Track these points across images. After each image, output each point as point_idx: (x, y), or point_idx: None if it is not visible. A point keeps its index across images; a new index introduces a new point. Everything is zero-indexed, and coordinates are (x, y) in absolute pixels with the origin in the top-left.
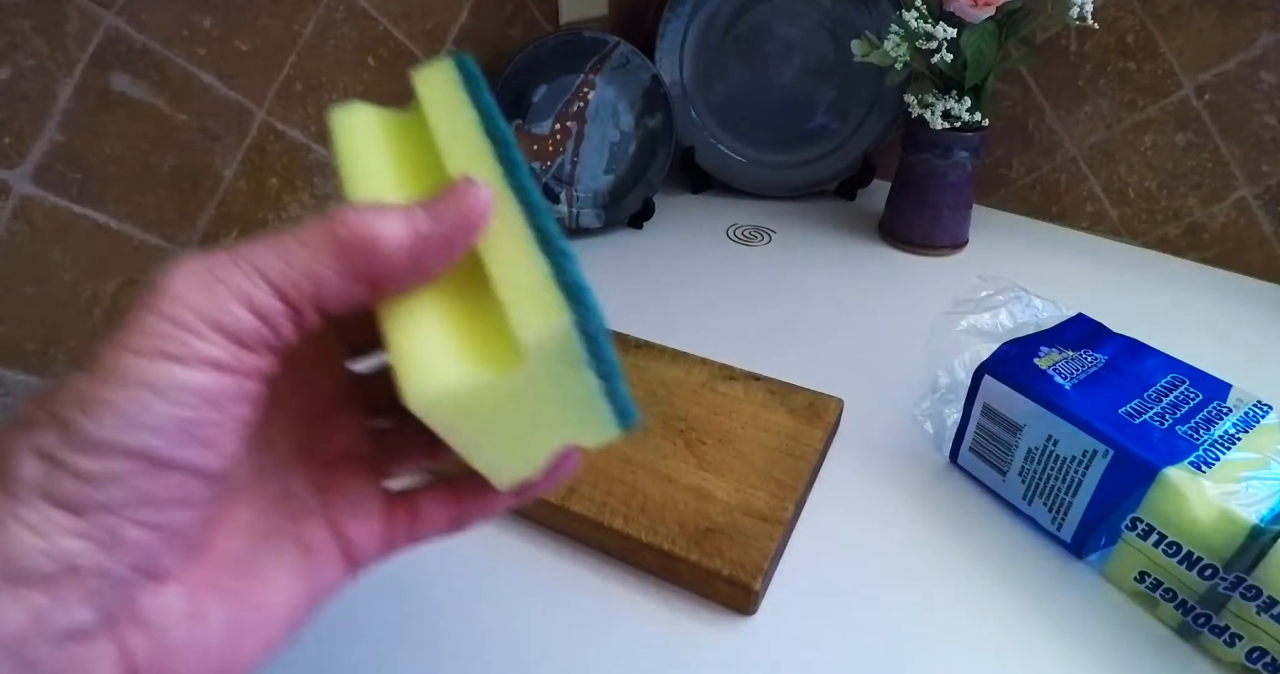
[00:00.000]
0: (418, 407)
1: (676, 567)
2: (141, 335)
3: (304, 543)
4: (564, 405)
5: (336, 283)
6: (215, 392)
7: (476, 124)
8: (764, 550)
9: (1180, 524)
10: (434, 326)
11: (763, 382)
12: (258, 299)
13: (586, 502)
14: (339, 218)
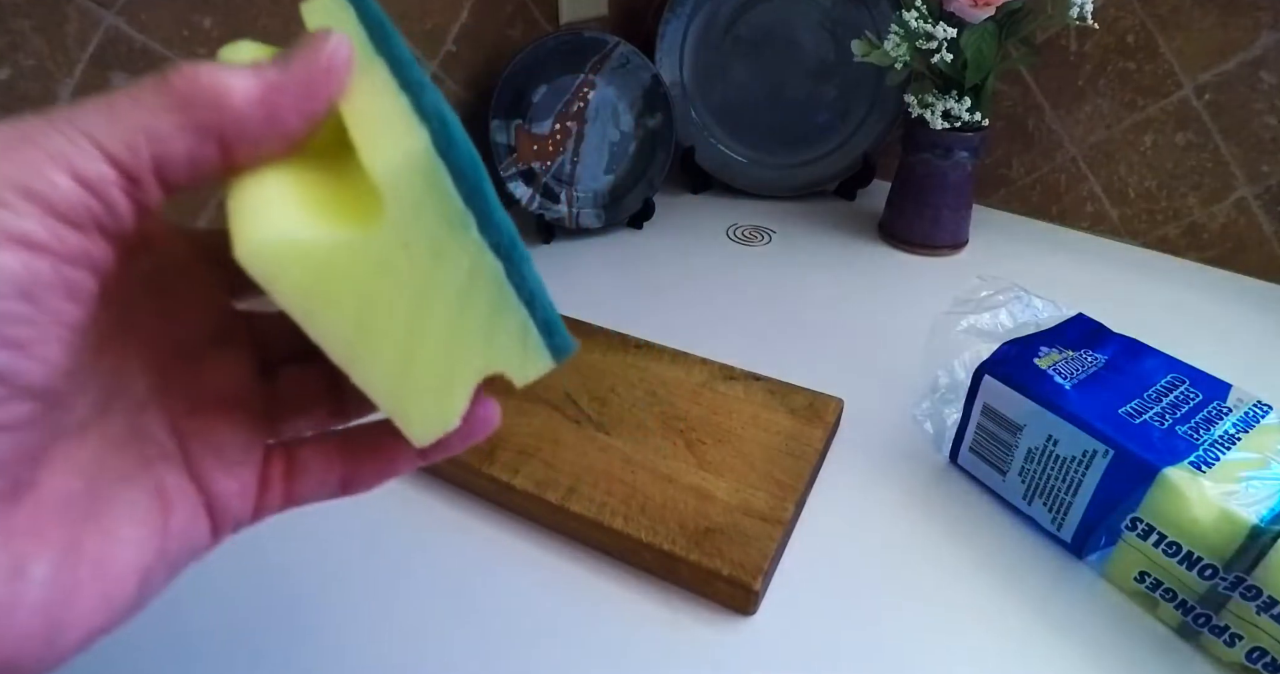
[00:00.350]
0: (248, 259)
1: (676, 567)
2: None
3: (159, 492)
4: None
5: (178, 140)
6: (27, 278)
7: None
8: (764, 550)
9: (1180, 524)
10: (285, 188)
11: (763, 382)
12: (81, 163)
13: (586, 501)
14: (175, 70)
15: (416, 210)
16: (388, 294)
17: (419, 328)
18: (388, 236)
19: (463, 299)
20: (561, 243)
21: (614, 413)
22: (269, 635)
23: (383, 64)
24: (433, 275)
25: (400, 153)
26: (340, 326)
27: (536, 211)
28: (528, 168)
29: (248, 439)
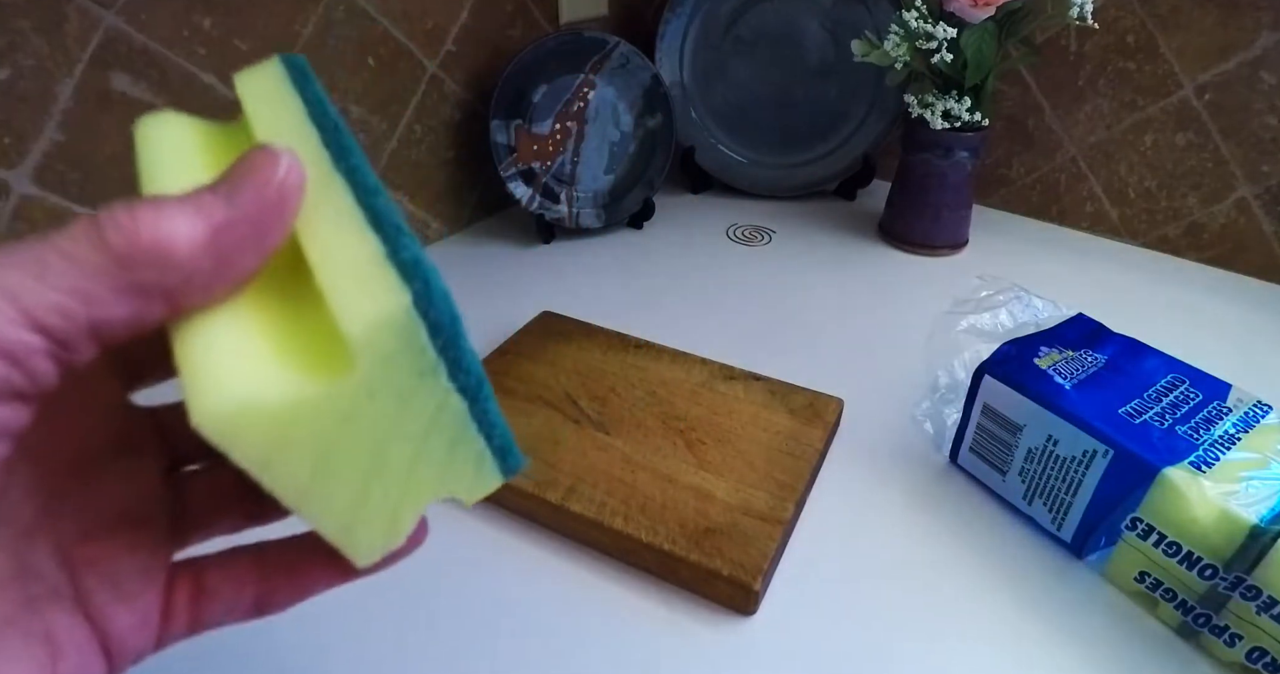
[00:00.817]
0: (207, 427)
1: (676, 567)
2: None
3: (46, 637)
4: (421, 436)
5: (118, 304)
6: None
7: (303, 114)
8: (764, 550)
9: (1180, 524)
10: (239, 335)
11: (763, 382)
12: (3, 331)
13: (586, 502)
14: (108, 219)
15: (387, 364)
16: (348, 441)
17: (376, 467)
18: (354, 388)
19: (423, 437)
20: (561, 243)
21: (614, 413)
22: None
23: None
24: (396, 420)
25: (378, 313)
26: (297, 476)
27: (536, 211)
28: (528, 168)
29: (147, 563)
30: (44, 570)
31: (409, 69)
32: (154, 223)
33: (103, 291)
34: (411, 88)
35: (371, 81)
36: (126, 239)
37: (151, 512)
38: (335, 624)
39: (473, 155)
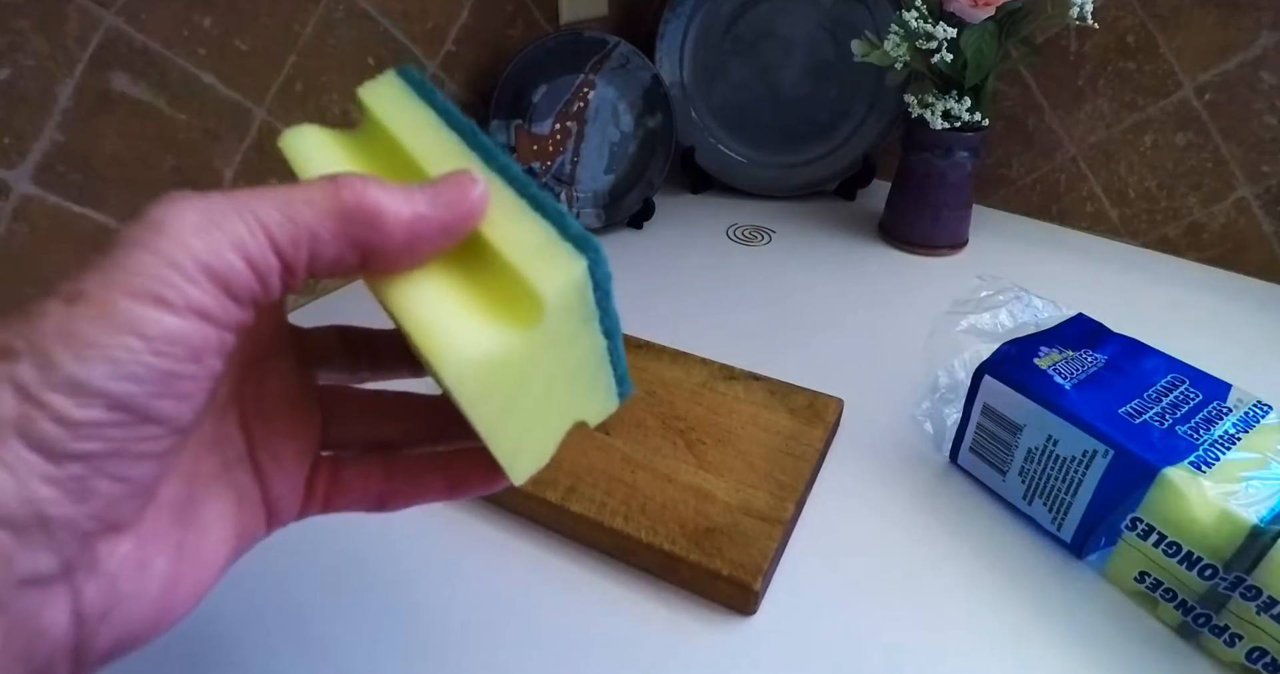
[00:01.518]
0: (455, 376)
1: (676, 567)
2: (136, 275)
3: (237, 493)
4: (575, 371)
5: (332, 246)
6: (199, 344)
7: (437, 121)
8: (764, 550)
9: (1180, 524)
10: (445, 298)
11: (763, 381)
12: (255, 251)
13: (586, 501)
14: (345, 182)
15: (567, 315)
16: (531, 379)
17: (544, 400)
18: (543, 336)
19: (576, 371)
20: None
21: (614, 413)
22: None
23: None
24: (563, 359)
25: (565, 277)
26: (494, 410)
27: None
28: (528, 168)
29: (300, 448)
30: (234, 440)
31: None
32: (375, 195)
33: (325, 234)
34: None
35: None
36: (355, 198)
37: (303, 408)
38: (333, 622)
39: None
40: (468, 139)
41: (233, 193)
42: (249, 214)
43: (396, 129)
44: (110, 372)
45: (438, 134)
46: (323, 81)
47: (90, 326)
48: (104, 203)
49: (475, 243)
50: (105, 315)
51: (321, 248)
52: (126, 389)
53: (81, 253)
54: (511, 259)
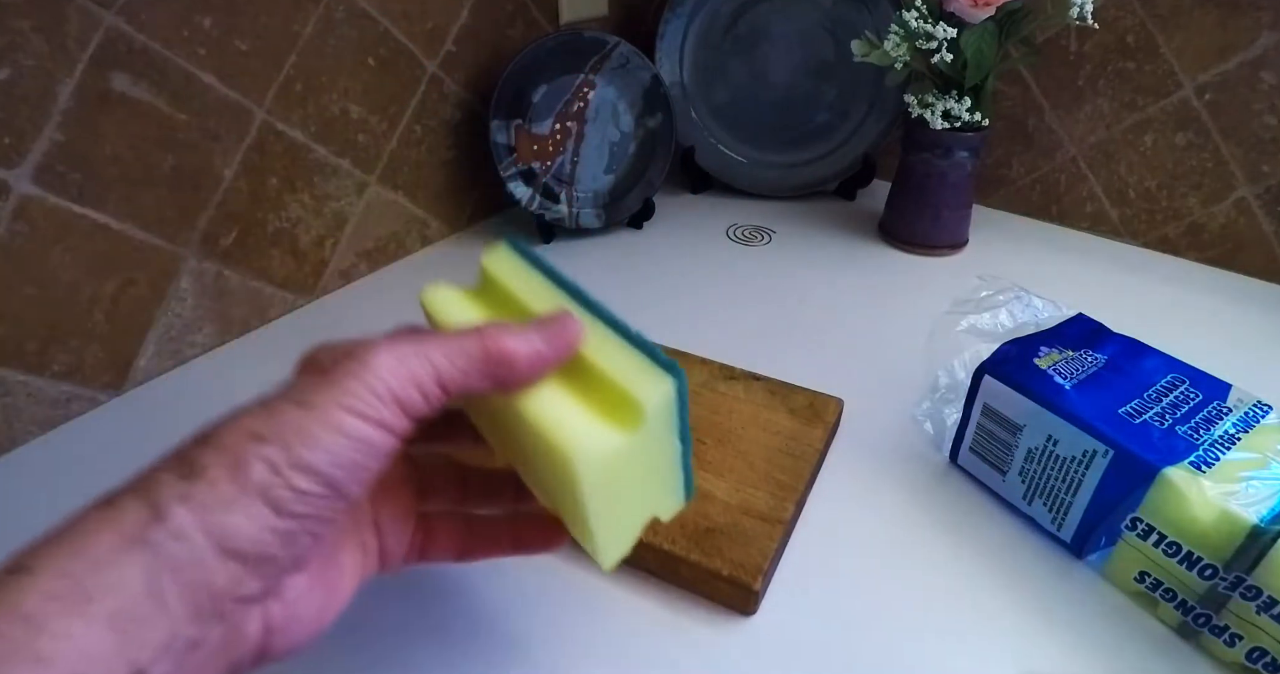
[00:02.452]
0: (584, 463)
1: (676, 566)
2: (347, 395)
3: (362, 544)
4: (658, 472)
5: (477, 380)
6: (380, 447)
7: (545, 281)
8: (764, 550)
9: (1180, 524)
10: (565, 406)
11: (762, 381)
12: (427, 387)
13: None
14: (488, 333)
15: (659, 423)
16: (630, 474)
17: (635, 494)
18: (641, 439)
19: (659, 472)
20: (561, 243)
21: None
22: None
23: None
24: (652, 460)
25: (662, 391)
26: (603, 498)
27: (536, 212)
28: (528, 168)
29: (403, 513)
30: (364, 509)
31: (409, 69)
32: (506, 341)
33: (475, 375)
34: (411, 88)
35: (371, 81)
36: (495, 346)
37: (408, 484)
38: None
39: (473, 155)
40: (568, 289)
41: (417, 339)
42: (426, 360)
43: (511, 285)
44: (328, 459)
45: (548, 292)
46: (323, 81)
47: (315, 427)
48: (104, 203)
49: (580, 366)
50: (326, 421)
51: (470, 381)
52: (335, 473)
53: (81, 253)
54: (616, 378)
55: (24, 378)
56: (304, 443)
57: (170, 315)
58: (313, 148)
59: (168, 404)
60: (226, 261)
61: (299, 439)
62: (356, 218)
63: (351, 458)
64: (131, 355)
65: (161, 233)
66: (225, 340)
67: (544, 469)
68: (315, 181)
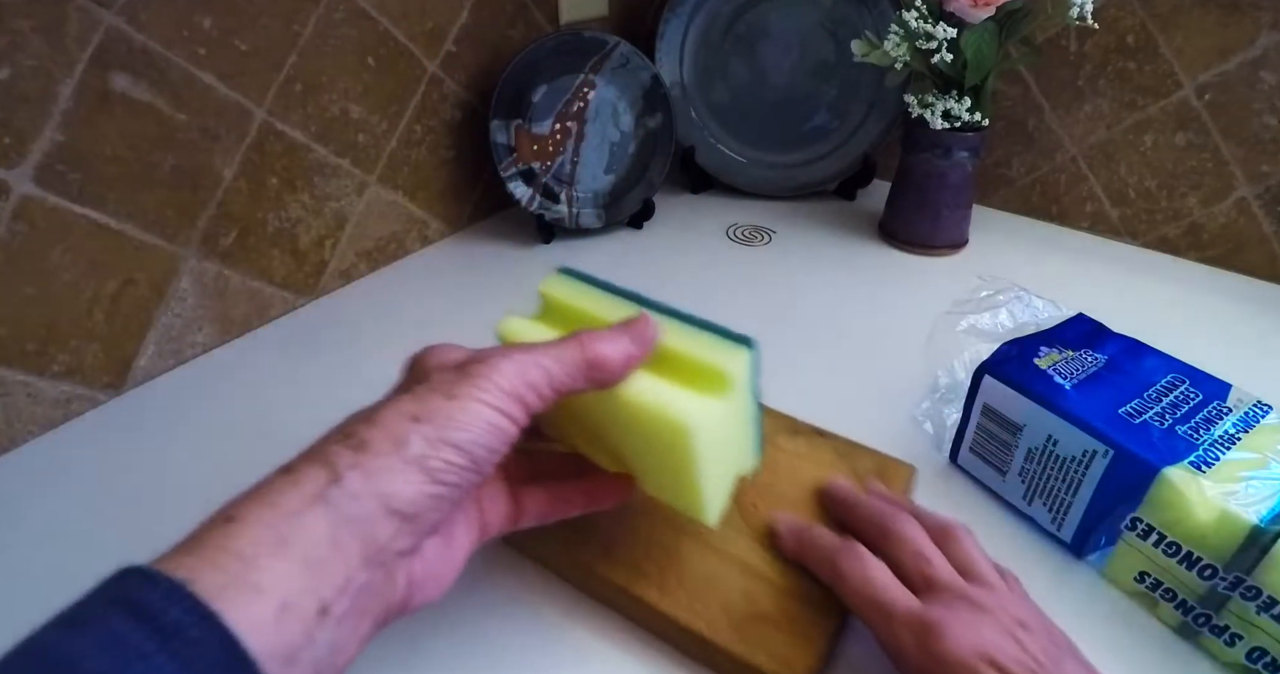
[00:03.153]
0: (700, 432)
1: (715, 656)
2: (485, 392)
3: (469, 516)
4: (742, 431)
5: (580, 382)
6: (507, 434)
7: (604, 293)
8: (816, 649)
9: (1180, 524)
10: (662, 387)
11: (829, 439)
12: (541, 389)
13: (620, 566)
14: (585, 341)
15: (741, 387)
16: (726, 436)
17: (728, 454)
18: (731, 403)
19: (743, 432)
20: (561, 243)
21: None
22: None
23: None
24: (739, 422)
25: (742, 359)
26: (708, 461)
27: (536, 212)
28: (528, 168)
29: (499, 490)
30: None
31: (409, 69)
32: (601, 347)
33: (579, 376)
34: (411, 88)
35: (371, 81)
36: (592, 352)
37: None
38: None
39: (473, 155)
40: (627, 295)
41: (529, 348)
42: (540, 366)
43: (574, 303)
44: (470, 439)
45: (613, 302)
46: (322, 81)
47: (460, 414)
48: (104, 203)
49: (661, 353)
50: (468, 409)
51: (574, 383)
52: (476, 450)
53: (81, 253)
54: (700, 356)
55: (24, 378)
56: (452, 425)
57: (170, 315)
58: (313, 148)
59: (168, 404)
60: (226, 261)
61: (448, 422)
62: (356, 218)
63: (488, 440)
64: (131, 355)
65: (161, 233)
66: (225, 340)
67: (642, 445)
68: (315, 181)
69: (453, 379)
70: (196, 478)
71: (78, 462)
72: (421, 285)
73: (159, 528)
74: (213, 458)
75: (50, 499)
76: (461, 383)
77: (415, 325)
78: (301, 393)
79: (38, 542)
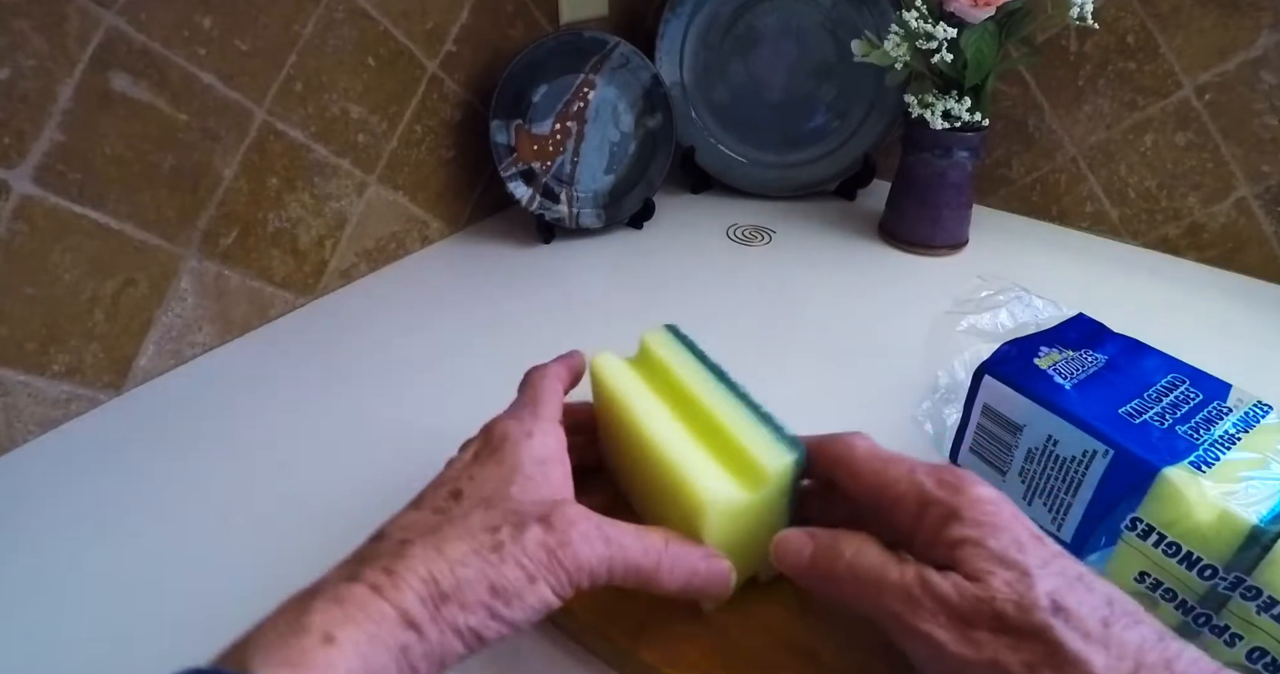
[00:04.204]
0: (715, 512)
1: None
2: (556, 580)
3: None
4: (766, 532)
5: (629, 583)
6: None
7: (698, 363)
8: None
9: (1180, 524)
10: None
11: None
12: (600, 578)
13: (658, 647)
14: (664, 563)
15: (777, 488)
16: (744, 527)
17: (745, 546)
18: (760, 498)
19: (767, 532)
20: (561, 243)
21: None
22: None
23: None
24: (764, 520)
25: (783, 462)
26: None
27: (536, 212)
28: (528, 168)
29: None
30: None
31: (409, 69)
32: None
33: (632, 580)
34: (411, 88)
35: (371, 81)
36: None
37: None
38: None
39: (473, 155)
40: (715, 372)
41: (613, 531)
42: (617, 559)
43: (674, 368)
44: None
45: (700, 373)
46: (323, 81)
47: (530, 597)
48: (104, 203)
49: (719, 431)
50: (538, 594)
51: (626, 583)
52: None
53: (81, 253)
54: (748, 446)
55: (24, 378)
56: (514, 607)
57: (170, 315)
58: (313, 148)
59: (168, 404)
60: (226, 261)
61: (512, 601)
62: (356, 218)
63: (536, 616)
64: (131, 355)
65: (161, 233)
66: (225, 340)
67: (671, 507)
68: (315, 181)
69: (544, 556)
70: (196, 478)
71: (78, 462)
72: (421, 285)
73: (159, 528)
74: (212, 458)
75: (50, 499)
76: (543, 565)
77: (415, 325)
78: (301, 393)
79: (38, 542)
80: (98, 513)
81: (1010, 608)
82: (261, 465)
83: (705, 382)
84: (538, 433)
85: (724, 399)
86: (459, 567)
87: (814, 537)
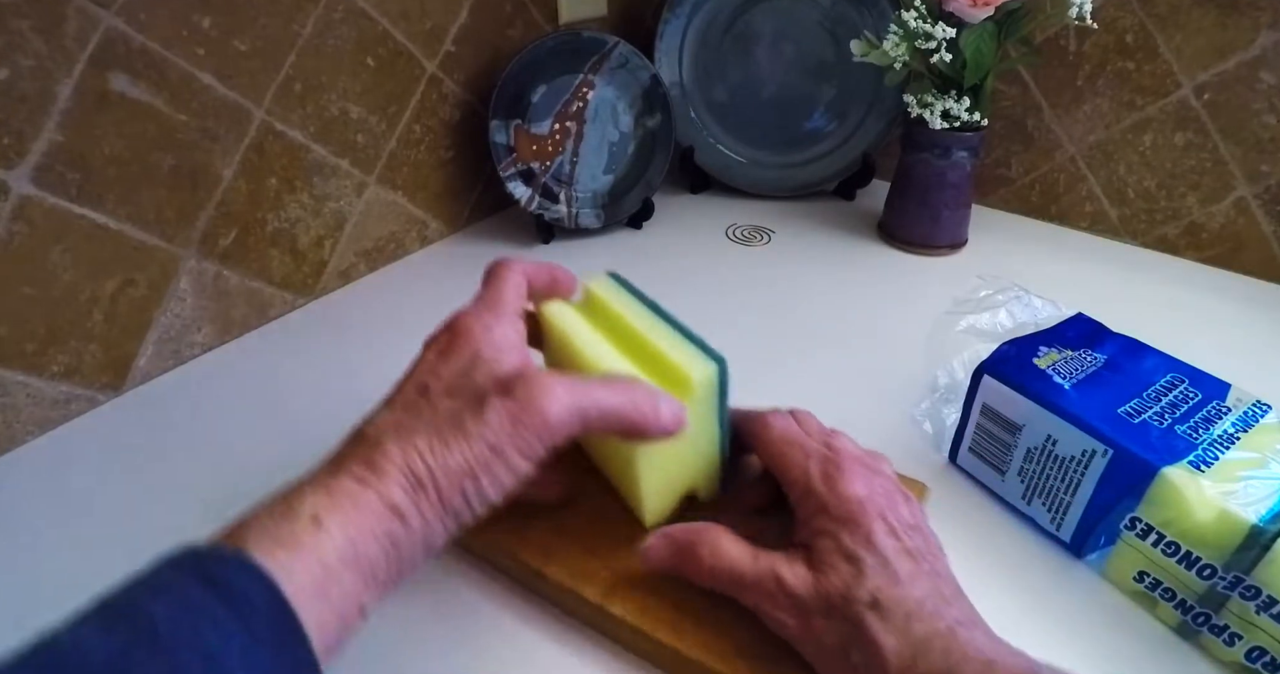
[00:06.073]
0: None
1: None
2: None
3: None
4: (698, 449)
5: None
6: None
7: (634, 299)
8: None
9: (1179, 524)
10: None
11: None
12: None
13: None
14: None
15: (702, 398)
16: (672, 444)
17: (678, 462)
18: (690, 409)
19: (699, 450)
20: (561, 243)
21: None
22: None
23: (665, 323)
24: (695, 435)
25: (706, 370)
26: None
27: (536, 211)
28: (527, 168)
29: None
30: None
31: (408, 69)
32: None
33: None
34: (411, 88)
35: (371, 81)
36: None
37: None
38: None
39: (472, 155)
40: (649, 305)
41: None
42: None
43: (616, 306)
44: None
45: (636, 307)
46: (322, 81)
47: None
48: (103, 203)
49: (647, 351)
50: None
51: (603, 426)
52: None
53: (81, 253)
54: (674, 359)
55: (23, 378)
56: (491, 482)
57: (169, 315)
58: (312, 148)
59: (167, 404)
60: (226, 261)
61: (490, 478)
62: (356, 218)
63: (515, 485)
64: (131, 355)
65: (161, 233)
66: (225, 340)
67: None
68: (314, 182)
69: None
70: (195, 478)
71: (78, 462)
72: (421, 285)
73: (158, 527)
74: (212, 458)
75: (50, 499)
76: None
77: (415, 325)
78: (301, 393)
79: (38, 542)
80: (97, 513)
81: (838, 599)
82: (261, 466)
83: (639, 314)
84: (496, 326)
85: (654, 326)
86: (430, 455)
87: (671, 539)
